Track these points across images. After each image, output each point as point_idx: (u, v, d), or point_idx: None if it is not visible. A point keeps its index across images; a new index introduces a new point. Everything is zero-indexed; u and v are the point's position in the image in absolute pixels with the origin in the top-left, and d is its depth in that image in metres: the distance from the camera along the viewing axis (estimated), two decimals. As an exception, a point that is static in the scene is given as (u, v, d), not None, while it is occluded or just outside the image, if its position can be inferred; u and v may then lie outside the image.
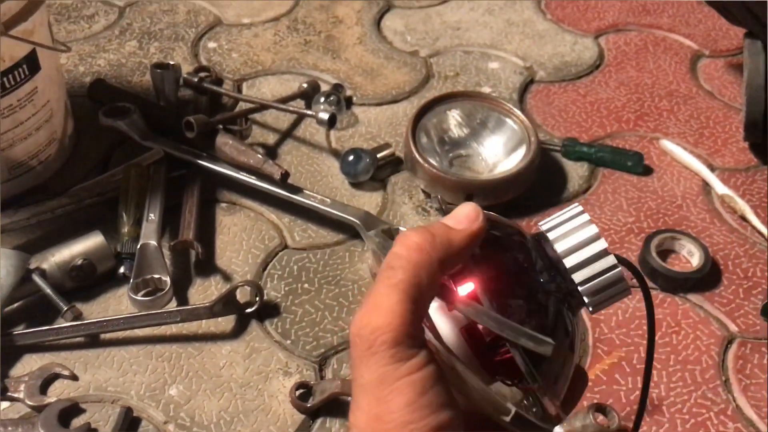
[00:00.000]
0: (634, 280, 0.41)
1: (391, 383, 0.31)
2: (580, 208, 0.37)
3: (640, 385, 0.70)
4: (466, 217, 0.35)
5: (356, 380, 0.32)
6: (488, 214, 0.40)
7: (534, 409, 0.38)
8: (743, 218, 0.85)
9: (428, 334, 0.34)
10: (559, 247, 0.36)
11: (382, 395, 0.31)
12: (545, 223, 0.37)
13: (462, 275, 0.35)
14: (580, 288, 0.36)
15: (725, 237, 0.84)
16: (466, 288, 0.35)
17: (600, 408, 0.66)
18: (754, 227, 0.84)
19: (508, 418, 0.33)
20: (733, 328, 0.75)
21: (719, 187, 0.88)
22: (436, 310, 0.36)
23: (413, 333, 0.32)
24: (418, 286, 0.32)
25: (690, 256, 0.81)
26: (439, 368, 0.32)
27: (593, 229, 0.36)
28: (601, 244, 0.35)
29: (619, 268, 0.35)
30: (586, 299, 0.36)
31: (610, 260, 0.35)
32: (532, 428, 0.35)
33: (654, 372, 0.71)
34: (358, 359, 0.32)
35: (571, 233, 0.36)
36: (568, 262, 0.36)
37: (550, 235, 0.36)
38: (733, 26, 1.07)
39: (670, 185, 0.90)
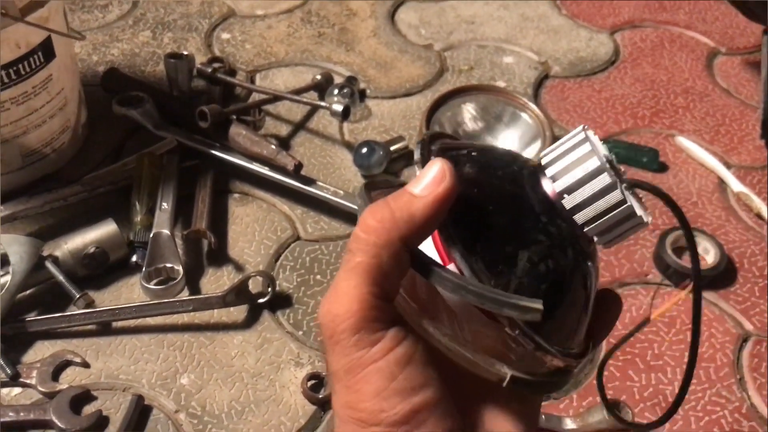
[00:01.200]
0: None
1: (357, 372, 0.30)
2: (583, 135, 0.33)
3: (653, 381, 0.70)
4: (432, 180, 0.31)
5: (328, 368, 0.31)
6: (478, 144, 0.36)
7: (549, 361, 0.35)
8: (759, 216, 0.85)
9: (407, 311, 0.32)
10: (558, 185, 0.32)
11: (351, 384, 0.30)
12: (546, 154, 0.34)
13: (447, 244, 0.32)
14: (585, 229, 0.32)
15: (741, 235, 0.83)
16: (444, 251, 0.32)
17: (614, 404, 0.66)
18: (770, 225, 0.84)
19: (504, 384, 0.32)
20: (748, 326, 0.74)
21: (735, 185, 0.87)
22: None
23: (376, 316, 0.30)
24: (379, 267, 0.30)
25: (705, 254, 0.80)
26: (410, 348, 0.30)
27: (595, 162, 0.31)
28: (605, 179, 0.31)
29: (627, 204, 0.31)
30: (595, 238, 0.33)
31: (617, 196, 0.31)
32: (537, 387, 0.33)
33: (668, 369, 0.71)
34: (326, 347, 0.31)
35: (571, 167, 0.32)
36: (568, 202, 0.32)
37: (549, 171, 0.33)
38: (751, 23, 1.06)
39: (685, 182, 0.89)
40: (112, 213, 0.78)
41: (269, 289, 0.73)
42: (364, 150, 0.87)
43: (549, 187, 0.33)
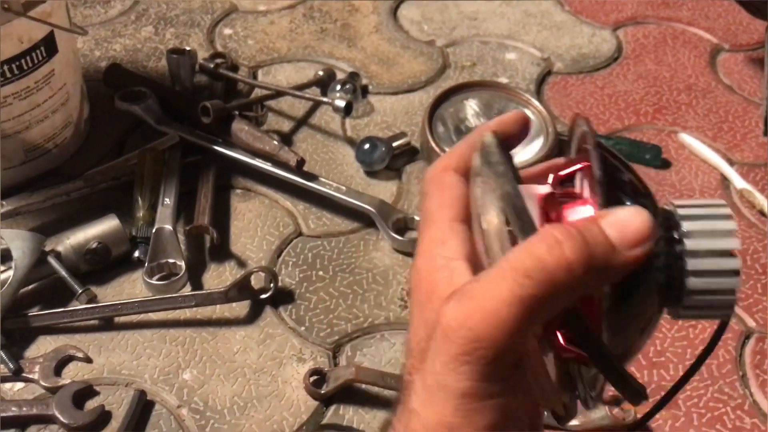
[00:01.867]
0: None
1: (477, 401, 0.28)
2: (727, 211, 0.31)
3: (656, 378, 0.70)
4: (638, 234, 0.27)
5: (435, 377, 0.28)
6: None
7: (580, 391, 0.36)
8: (762, 213, 0.85)
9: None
10: (692, 245, 0.30)
11: (462, 408, 0.27)
12: (683, 208, 0.31)
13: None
14: (687, 299, 0.31)
15: (744, 232, 0.83)
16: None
17: (616, 401, 0.66)
18: (773, 222, 0.84)
19: (565, 423, 0.33)
20: (750, 323, 0.74)
21: (738, 182, 0.87)
22: None
23: (517, 349, 0.28)
24: (547, 311, 0.27)
25: (708, 250, 0.80)
26: (524, 393, 0.29)
27: (734, 242, 0.30)
28: (735, 263, 0.30)
29: (739, 277, 0.30)
30: (685, 298, 0.31)
31: (735, 266, 0.30)
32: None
33: (670, 366, 0.71)
34: (447, 358, 0.28)
35: (709, 234, 0.30)
36: (692, 264, 0.30)
37: (690, 239, 0.30)
38: (754, 20, 1.06)
39: (688, 179, 0.89)
40: (114, 208, 0.78)
41: (271, 285, 0.73)
42: (367, 146, 0.87)
43: (677, 238, 0.31)
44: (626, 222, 0.27)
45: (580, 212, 0.31)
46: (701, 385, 0.69)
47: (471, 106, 0.91)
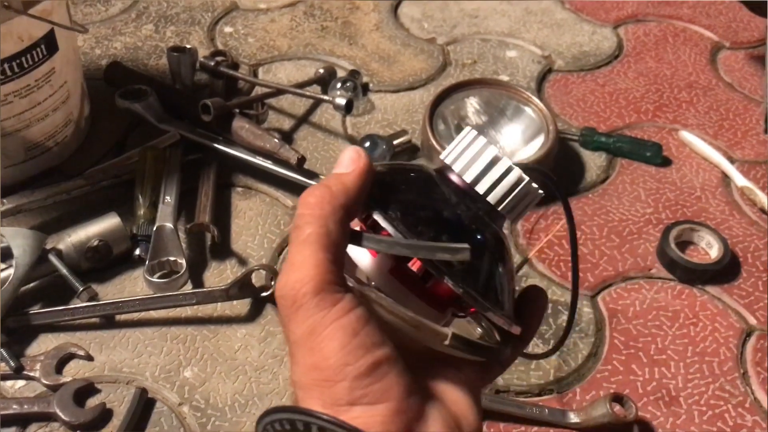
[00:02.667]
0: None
1: (321, 331, 0.31)
2: (475, 132, 0.38)
3: (657, 376, 0.70)
4: (350, 159, 0.36)
5: (288, 339, 0.33)
6: (391, 162, 0.39)
7: (487, 339, 0.39)
8: (763, 210, 0.85)
9: (351, 281, 0.34)
10: (468, 176, 0.37)
11: (314, 344, 0.31)
12: (447, 155, 0.38)
13: (369, 216, 0.36)
14: (498, 208, 0.37)
15: (744, 229, 0.83)
16: (373, 229, 0.36)
17: (617, 398, 0.66)
18: (774, 220, 0.83)
19: (447, 342, 0.34)
20: (751, 320, 0.74)
21: (739, 179, 0.87)
22: (365, 262, 0.37)
23: (334, 279, 0.32)
24: (328, 235, 0.33)
25: (709, 248, 0.80)
26: (366, 311, 0.32)
27: (493, 150, 0.37)
28: (505, 163, 0.37)
29: (526, 180, 0.37)
30: (506, 215, 0.37)
31: (516, 174, 0.36)
32: (481, 349, 0.36)
33: (671, 363, 0.71)
34: (287, 318, 0.32)
35: (473, 159, 0.37)
36: (480, 188, 0.37)
37: (455, 167, 0.37)
38: (754, 18, 1.06)
39: (689, 176, 0.89)
40: (115, 206, 0.78)
41: (272, 283, 0.73)
42: (367, 144, 0.87)
43: (457, 179, 0.37)
44: (341, 158, 0.36)
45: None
46: (702, 383, 0.69)
47: (472, 104, 0.91)
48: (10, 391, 0.66)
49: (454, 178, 0.37)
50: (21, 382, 0.67)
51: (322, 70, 0.97)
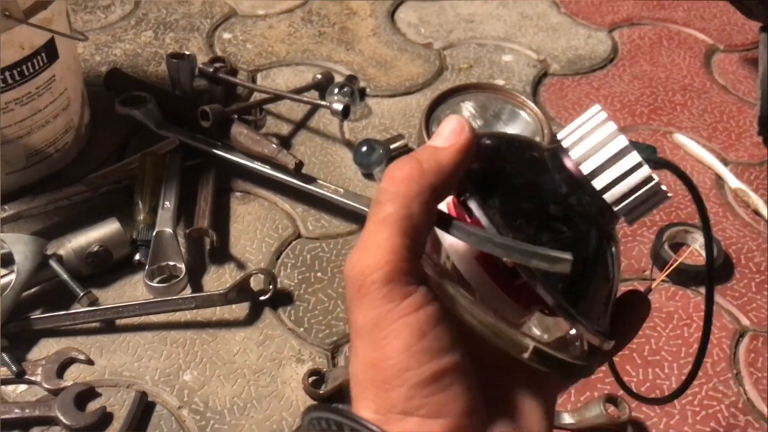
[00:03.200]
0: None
1: (386, 326, 0.28)
2: (604, 114, 0.32)
3: (651, 377, 0.70)
4: (451, 132, 0.31)
5: (351, 326, 0.30)
6: (500, 132, 0.36)
7: (577, 343, 0.34)
8: (756, 212, 0.85)
9: (430, 269, 0.31)
10: (585, 167, 0.32)
11: (377, 340, 0.28)
12: (565, 137, 0.33)
13: (463, 198, 0.31)
14: (614, 208, 0.32)
15: (738, 231, 0.84)
16: (466, 209, 0.31)
17: (611, 399, 0.67)
18: (767, 221, 0.84)
19: (526, 355, 0.30)
20: (745, 321, 0.75)
21: (732, 181, 0.88)
22: (450, 243, 0.33)
23: (408, 269, 0.29)
24: (410, 218, 0.29)
25: (702, 250, 0.81)
26: (441, 307, 0.29)
27: (622, 140, 0.31)
28: (634, 157, 0.31)
29: (656, 180, 0.31)
30: (623, 217, 0.32)
31: (645, 172, 0.31)
32: (560, 365, 0.32)
33: (665, 364, 0.72)
34: (352, 302, 0.29)
35: (596, 147, 0.32)
36: (598, 182, 0.32)
37: (573, 153, 0.32)
38: (748, 21, 1.07)
39: (683, 179, 0.90)
40: (115, 212, 0.79)
41: (270, 287, 0.74)
42: (365, 148, 0.88)
43: (572, 166, 0.32)
44: (441, 128, 0.32)
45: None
46: (695, 383, 0.70)
47: (467, 108, 0.92)
48: (12, 396, 0.67)
49: (569, 165, 0.32)
50: (22, 387, 0.68)
51: (319, 76, 0.98)
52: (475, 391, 0.30)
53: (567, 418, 0.67)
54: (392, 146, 0.89)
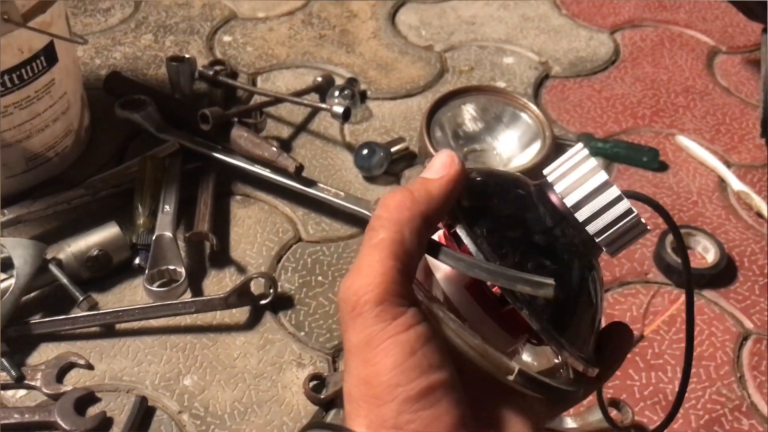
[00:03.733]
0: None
1: (377, 344, 0.30)
2: (585, 152, 0.34)
3: (654, 380, 0.70)
4: (441, 164, 0.34)
5: (345, 344, 0.31)
6: (488, 168, 0.38)
7: (563, 371, 0.36)
8: (759, 215, 0.85)
9: (421, 294, 0.32)
10: (569, 200, 0.34)
11: (368, 357, 0.30)
12: (550, 172, 0.35)
13: (453, 229, 0.33)
14: (596, 239, 0.34)
15: (741, 233, 0.83)
16: (456, 240, 0.33)
17: (614, 403, 0.66)
18: (770, 224, 0.84)
19: (511, 378, 0.32)
20: (748, 324, 0.75)
21: (735, 184, 0.88)
22: (442, 271, 0.34)
23: (399, 291, 0.31)
24: (402, 243, 0.31)
25: (705, 252, 0.80)
26: (431, 327, 0.31)
27: (603, 176, 0.34)
28: (614, 191, 0.33)
29: (635, 213, 0.33)
30: (604, 248, 0.34)
31: (625, 205, 0.33)
32: (549, 389, 0.33)
33: (668, 368, 0.71)
34: (345, 323, 0.31)
35: (579, 182, 0.34)
36: (581, 215, 0.34)
37: (557, 187, 0.34)
38: (750, 22, 1.06)
39: (685, 181, 0.90)
40: (115, 216, 0.79)
41: (271, 291, 0.74)
42: (365, 151, 0.87)
43: (557, 200, 0.34)
44: (433, 161, 0.34)
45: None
46: (699, 387, 0.70)
47: (468, 111, 0.91)
48: (11, 401, 0.67)
49: (553, 198, 0.34)
50: (22, 392, 0.67)
51: (320, 79, 0.98)
52: (464, 407, 0.31)
53: (570, 423, 0.66)
54: (393, 149, 0.89)
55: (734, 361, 0.72)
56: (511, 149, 0.89)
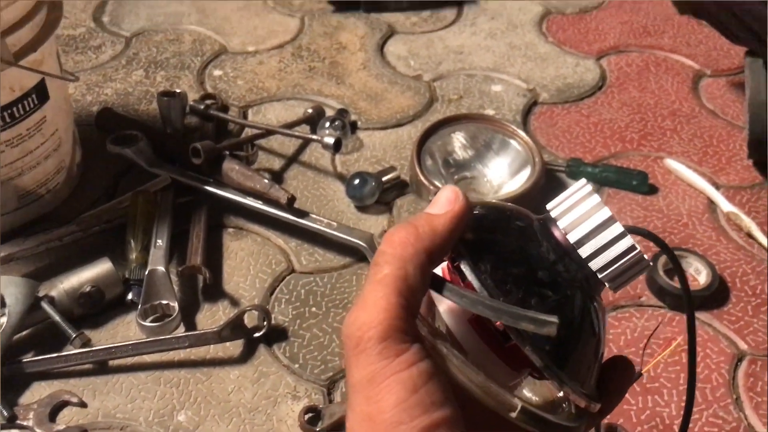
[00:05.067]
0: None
1: (380, 381, 0.30)
2: (589, 188, 0.35)
3: (650, 404, 0.70)
4: (446, 200, 0.34)
5: (348, 381, 0.31)
6: (492, 202, 0.39)
7: (565, 405, 0.36)
8: (749, 235, 0.85)
9: (425, 330, 0.32)
10: (572, 236, 0.34)
11: (372, 394, 0.30)
12: (553, 207, 0.35)
13: (457, 263, 0.34)
14: (599, 275, 0.34)
15: (732, 254, 0.84)
16: (459, 273, 0.34)
17: (611, 428, 0.66)
18: (760, 244, 0.84)
19: (514, 414, 0.32)
20: (742, 345, 0.75)
21: (725, 205, 0.88)
22: (445, 303, 0.35)
23: (403, 327, 0.31)
24: (405, 279, 0.31)
25: (697, 274, 0.81)
26: (434, 363, 0.31)
27: (606, 212, 0.34)
28: (617, 228, 0.33)
29: (638, 250, 0.33)
30: (607, 284, 0.34)
31: (628, 242, 0.33)
32: (547, 425, 0.33)
33: (664, 391, 0.71)
34: (349, 359, 0.31)
35: (582, 218, 0.34)
36: (584, 251, 0.34)
37: (561, 223, 0.35)
38: (733, 45, 1.08)
39: (675, 204, 0.90)
40: (107, 251, 0.78)
41: (265, 323, 0.74)
42: (357, 181, 0.88)
43: (560, 235, 0.35)
44: (437, 197, 0.34)
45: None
46: (695, 410, 0.69)
47: (458, 139, 0.92)
48: (4, 441, 0.66)
49: (557, 234, 0.35)
50: (14, 432, 0.67)
51: (310, 110, 0.99)
52: None
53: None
54: (384, 178, 0.90)
55: (730, 382, 0.72)
56: (501, 176, 0.90)
